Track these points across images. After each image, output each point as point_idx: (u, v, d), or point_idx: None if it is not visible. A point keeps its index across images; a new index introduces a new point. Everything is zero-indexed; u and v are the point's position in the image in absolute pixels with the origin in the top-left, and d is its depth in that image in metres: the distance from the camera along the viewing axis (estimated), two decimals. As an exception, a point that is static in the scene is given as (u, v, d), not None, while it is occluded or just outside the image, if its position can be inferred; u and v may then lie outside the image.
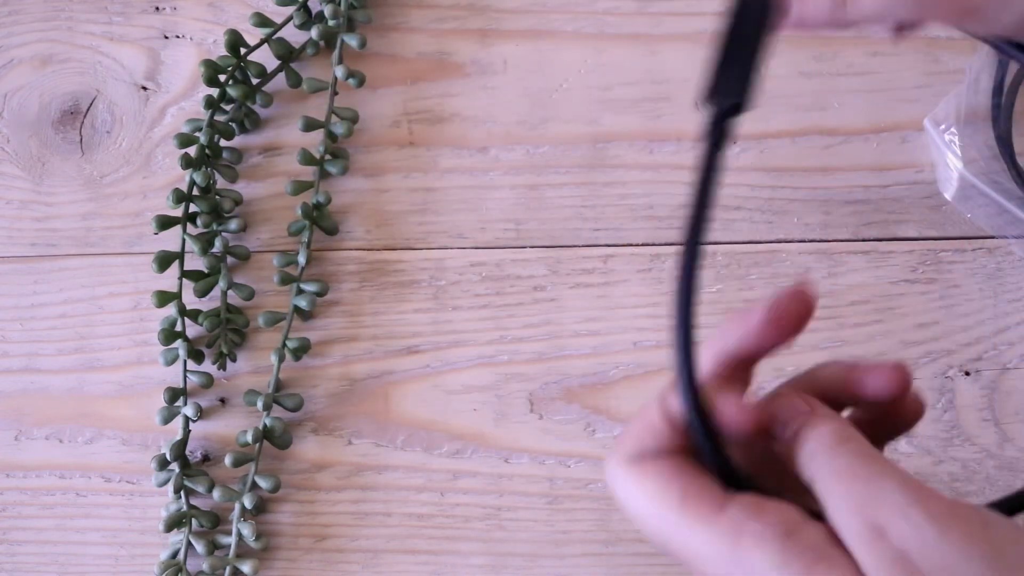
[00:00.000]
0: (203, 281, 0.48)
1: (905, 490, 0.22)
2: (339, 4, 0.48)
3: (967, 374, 0.45)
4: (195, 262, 0.48)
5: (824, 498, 0.24)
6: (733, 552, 0.23)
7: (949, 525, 0.22)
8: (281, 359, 0.47)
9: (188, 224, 0.48)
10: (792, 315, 0.27)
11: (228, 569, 0.46)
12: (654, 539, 0.25)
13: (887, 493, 0.22)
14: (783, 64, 0.48)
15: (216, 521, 0.47)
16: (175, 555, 0.46)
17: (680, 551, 0.24)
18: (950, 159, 0.44)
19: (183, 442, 0.47)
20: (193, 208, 0.48)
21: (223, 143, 0.49)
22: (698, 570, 0.24)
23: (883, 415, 0.28)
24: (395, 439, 0.47)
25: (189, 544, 0.46)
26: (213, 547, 0.46)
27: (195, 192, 0.48)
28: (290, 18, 0.49)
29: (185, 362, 0.47)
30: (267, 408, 0.47)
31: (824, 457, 0.24)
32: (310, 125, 0.48)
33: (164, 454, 0.46)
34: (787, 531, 0.23)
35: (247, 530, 0.46)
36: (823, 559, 0.22)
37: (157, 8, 0.52)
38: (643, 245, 0.47)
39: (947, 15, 0.26)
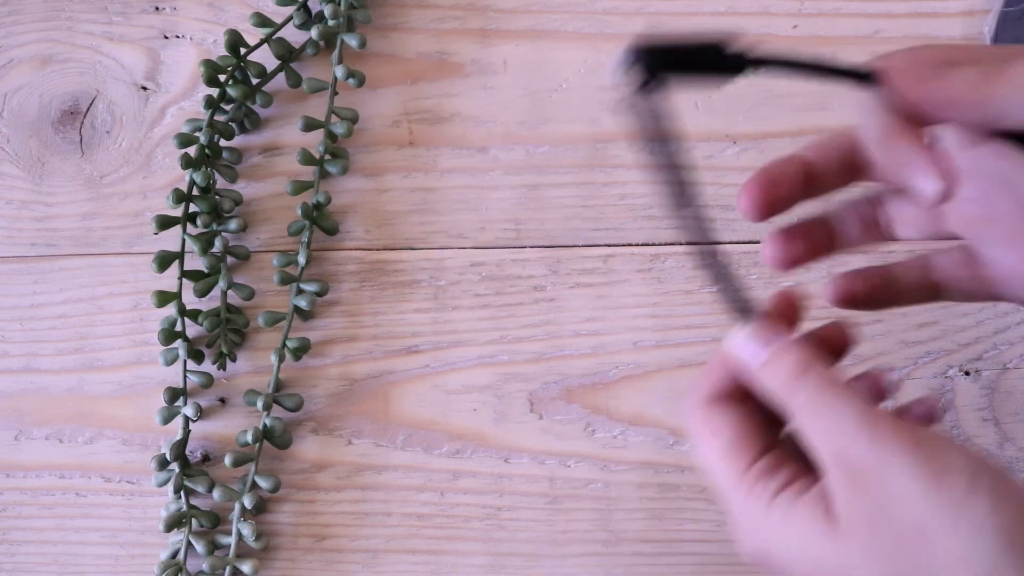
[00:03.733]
0: (203, 281, 0.48)
1: (858, 418, 0.26)
2: (339, 4, 0.48)
3: (967, 374, 0.45)
4: (195, 262, 0.48)
5: (797, 425, 0.28)
6: (745, 501, 0.28)
7: (890, 445, 0.25)
8: (281, 359, 0.47)
9: (188, 224, 0.48)
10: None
11: (228, 569, 0.46)
12: (705, 473, 0.30)
13: (842, 423, 0.26)
14: (783, 64, 0.48)
15: (216, 521, 0.47)
16: (175, 555, 0.47)
17: (717, 489, 0.29)
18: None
19: (183, 442, 0.47)
20: (193, 208, 0.48)
21: (223, 143, 0.49)
22: (725, 504, 0.29)
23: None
24: (395, 439, 0.47)
25: (189, 544, 0.46)
26: (213, 547, 0.46)
27: (195, 192, 0.48)
28: (290, 18, 0.49)
29: (185, 362, 0.47)
30: (267, 408, 0.47)
31: (787, 393, 0.28)
32: (310, 125, 0.48)
33: (164, 454, 0.46)
34: (797, 491, 0.27)
35: (247, 530, 0.46)
36: (797, 504, 0.27)
37: (157, 8, 0.52)
38: (643, 245, 0.47)
39: None
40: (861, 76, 0.29)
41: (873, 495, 0.25)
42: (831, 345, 0.31)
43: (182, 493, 0.47)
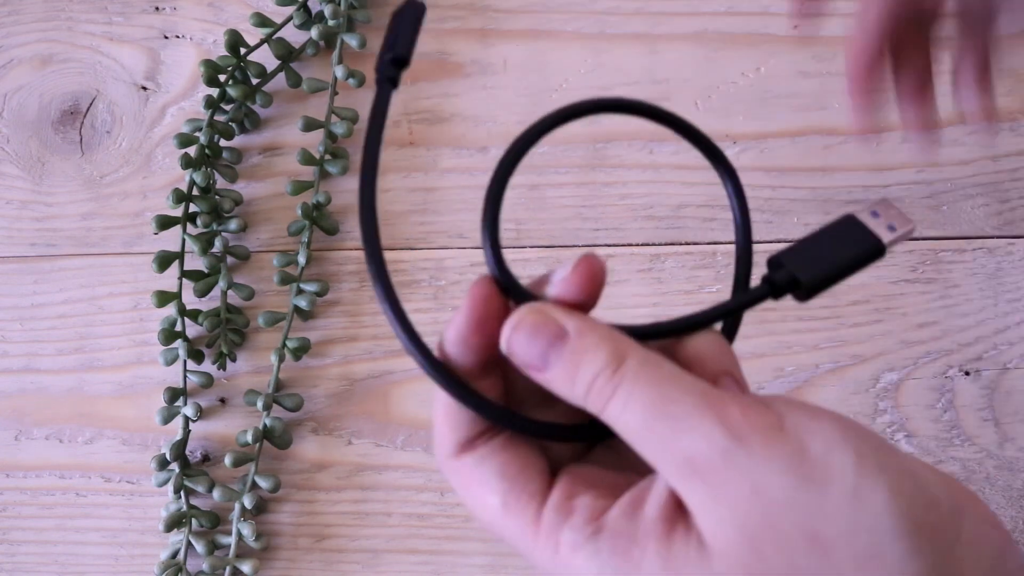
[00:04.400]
0: (203, 281, 0.48)
1: (702, 413, 0.21)
2: (339, 4, 0.48)
3: (967, 374, 0.45)
4: (195, 262, 0.48)
5: (621, 436, 0.22)
6: (555, 564, 0.22)
7: (751, 440, 0.21)
8: (281, 359, 0.47)
9: (188, 224, 0.48)
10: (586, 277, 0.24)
11: (228, 569, 0.46)
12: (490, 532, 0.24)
13: (683, 425, 0.21)
14: (783, 64, 0.48)
15: (216, 521, 0.47)
16: (175, 555, 0.46)
17: (514, 550, 0.24)
18: None
19: (183, 442, 0.47)
20: (193, 208, 0.48)
21: (223, 143, 0.49)
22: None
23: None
24: (395, 439, 0.47)
25: (189, 544, 0.46)
26: (213, 547, 0.46)
27: (195, 192, 0.48)
28: (290, 18, 0.49)
29: (185, 362, 0.47)
30: (267, 408, 0.47)
31: (598, 399, 0.22)
32: (310, 125, 0.48)
33: (164, 454, 0.46)
34: (595, 529, 0.22)
35: (247, 530, 0.46)
36: (634, 543, 0.22)
37: (157, 8, 0.52)
38: (643, 245, 0.47)
39: None
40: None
41: (745, 508, 0.20)
42: (590, 287, 0.24)
43: (182, 493, 0.47)
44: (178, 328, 0.47)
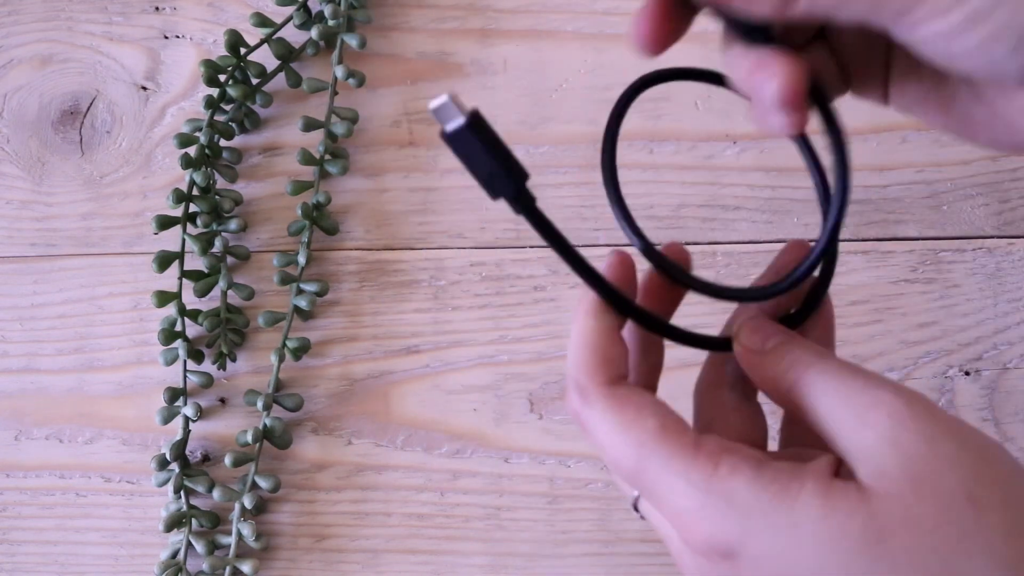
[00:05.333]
0: (203, 281, 0.48)
1: (903, 397, 0.24)
2: (339, 4, 0.48)
3: (967, 374, 0.45)
4: (195, 262, 0.48)
5: (814, 406, 0.25)
6: (710, 481, 0.24)
7: (936, 436, 0.23)
8: (281, 359, 0.47)
9: (188, 224, 0.48)
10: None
11: (228, 569, 0.46)
12: (623, 471, 0.25)
13: (885, 396, 0.24)
14: (783, 64, 0.48)
15: (216, 521, 0.47)
16: (175, 555, 0.46)
17: (650, 484, 0.25)
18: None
19: (183, 442, 0.47)
20: (193, 208, 0.48)
21: (223, 143, 0.49)
22: (664, 504, 0.25)
23: None
24: (395, 439, 0.47)
25: (189, 544, 0.46)
26: (213, 547, 0.46)
27: (195, 192, 0.48)
28: (290, 18, 0.49)
29: (185, 362, 0.47)
30: (267, 408, 0.47)
31: (813, 370, 0.25)
32: (310, 125, 0.48)
33: (164, 454, 0.46)
34: (759, 461, 0.24)
35: (247, 530, 0.46)
36: (793, 478, 0.23)
37: (157, 8, 0.52)
38: (643, 245, 0.47)
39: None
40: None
41: (918, 458, 0.23)
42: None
43: (182, 493, 0.47)
44: (178, 328, 0.47)
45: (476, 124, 0.25)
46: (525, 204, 0.27)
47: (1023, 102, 0.25)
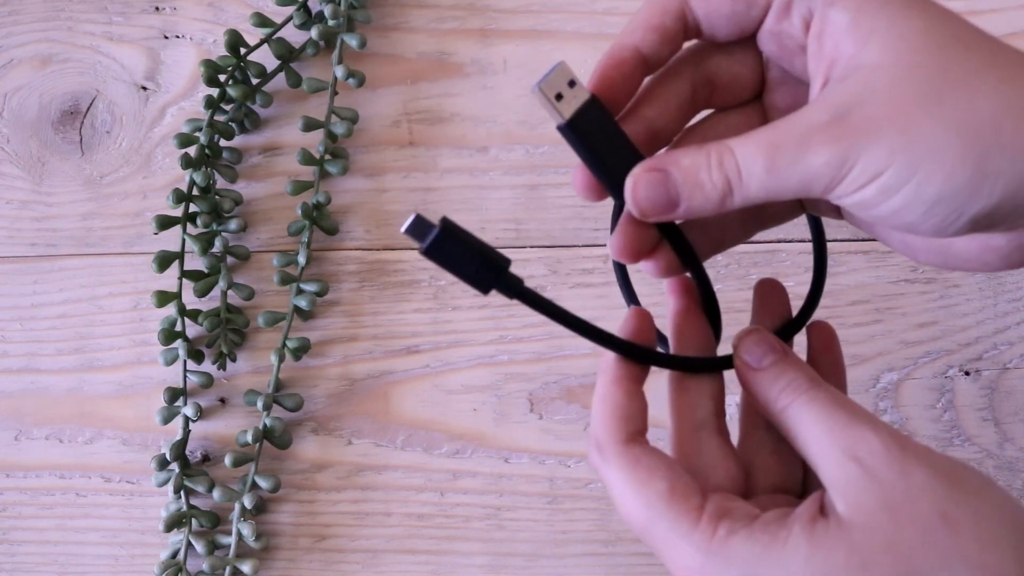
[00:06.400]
0: (203, 281, 0.48)
1: (880, 435, 0.26)
2: (339, 4, 0.48)
3: (967, 374, 0.45)
4: (195, 262, 0.48)
5: (801, 433, 0.27)
6: (711, 543, 0.26)
7: (908, 468, 0.25)
8: (281, 359, 0.47)
9: (188, 224, 0.48)
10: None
11: (228, 569, 0.46)
12: (633, 526, 0.27)
13: (865, 433, 0.26)
14: (783, 64, 0.48)
15: (216, 521, 0.47)
16: (175, 555, 0.47)
17: (658, 542, 0.27)
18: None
19: (183, 442, 0.47)
20: (193, 208, 0.48)
21: (223, 143, 0.49)
22: (670, 560, 0.27)
23: None
24: (395, 439, 0.47)
25: (189, 544, 0.46)
26: (213, 547, 0.46)
27: (195, 192, 0.48)
28: (290, 18, 0.49)
29: (185, 362, 0.47)
30: (267, 408, 0.47)
31: (803, 399, 0.27)
32: (310, 125, 0.48)
33: (164, 454, 0.46)
34: (751, 520, 0.26)
35: (247, 530, 0.46)
36: (782, 527, 0.26)
37: (157, 8, 0.52)
38: (643, 245, 0.47)
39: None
40: None
41: (891, 488, 0.25)
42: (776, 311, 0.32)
43: (182, 493, 0.47)
44: (178, 328, 0.47)
45: (449, 229, 0.27)
46: (516, 289, 0.28)
47: (951, 240, 0.28)
